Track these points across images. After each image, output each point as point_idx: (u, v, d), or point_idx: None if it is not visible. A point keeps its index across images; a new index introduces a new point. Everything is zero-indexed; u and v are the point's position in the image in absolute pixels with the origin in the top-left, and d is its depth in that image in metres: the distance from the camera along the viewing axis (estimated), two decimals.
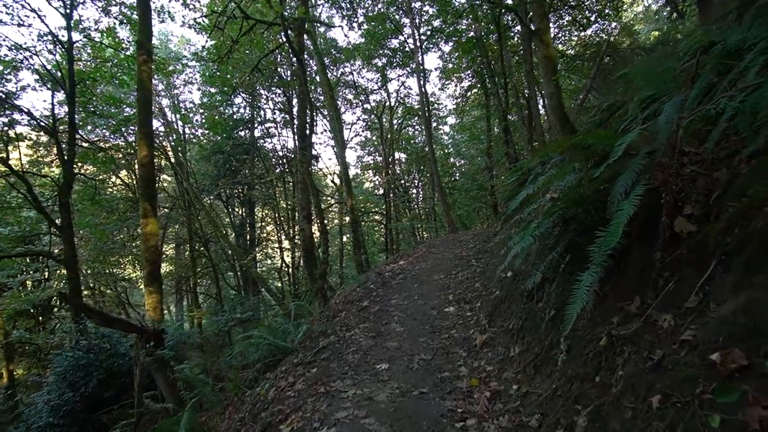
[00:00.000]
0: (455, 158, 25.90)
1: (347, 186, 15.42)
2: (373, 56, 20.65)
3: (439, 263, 8.39)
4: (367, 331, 5.67)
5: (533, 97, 16.39)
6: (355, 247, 15.27)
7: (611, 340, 2.63)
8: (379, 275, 8.28)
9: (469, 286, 6.61)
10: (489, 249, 8.10)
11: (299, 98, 13.82)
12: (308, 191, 13.20)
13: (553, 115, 6.97)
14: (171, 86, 20.79)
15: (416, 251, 10.20)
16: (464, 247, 9.36)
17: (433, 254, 9.38)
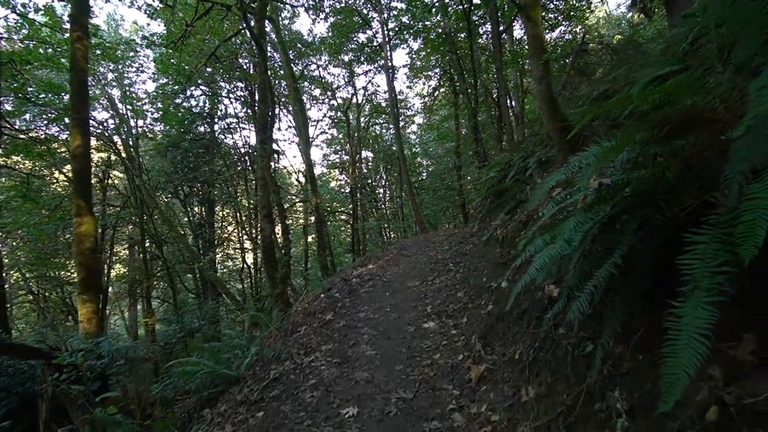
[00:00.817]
0: (422, 158, 24.99)
1: (312, 184, 14.17)
2: (340, 50, 19.41)
3: (412, 267, 7.30)
4: (330, 355, 4.50)
5: (503, 95, 15.64)
6: (319, 248, 14.04)
7: (723, 408, 1.59)
8: (345, 282, 7.11)
9: (449, 295, 5.54)
10: (468, 252, 7.07)
11: (259, 88, 12.45)
12: (268, 188, 11.87)
13: (541, 101, 6.02)
14: (123, 76, 18.87)
15: (386, 253, 9.09)
16: (438, 249, 8.31)
17: (406, 257, 8.29)
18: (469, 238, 7.91)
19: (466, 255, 6.95)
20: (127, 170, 19.13)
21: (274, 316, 8.57)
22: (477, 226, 8.18)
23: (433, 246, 8.88)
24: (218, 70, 18.39)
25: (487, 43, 18.66)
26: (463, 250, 7.29)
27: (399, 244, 10.05)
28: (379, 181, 25.10)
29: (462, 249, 7.41)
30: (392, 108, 16.97)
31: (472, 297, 4.99)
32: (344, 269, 9.67)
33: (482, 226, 7.95)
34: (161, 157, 20.51)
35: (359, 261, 9.65)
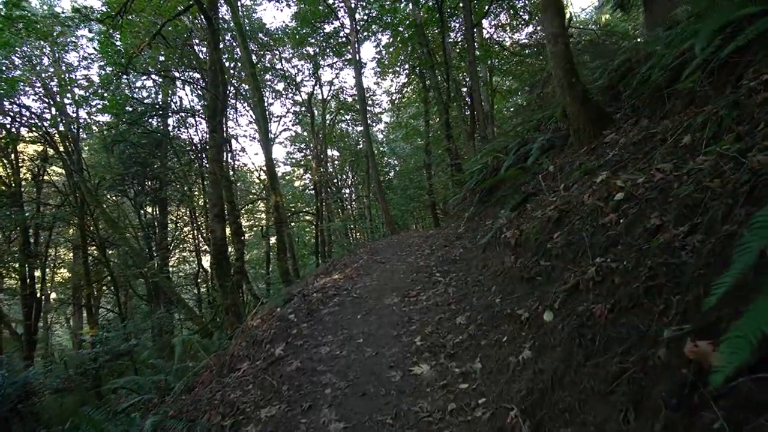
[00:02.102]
0: (390, 157, 23.36)
1: (272, 180, 12.22)
2: (304, 41, 17.48)
3: (389, 278, 5.58)
4: (271, 425, 2.73)
5: (476, 90, 14.19)
6: (279, 251, 12.10)
7: None
8: (304, 298, 5.30)
9: (444, 319, 3.87)
10: (458, 258, 5.43)
11: (210, 70, 10.42)
12: (219, 184, 9.88)
13: (557, 66, 4.48)
14: (60, 60, 16.21)
15: (355, 258, 7.31)
16: (418, 254, 6.63)
17: (379, 263, 6.56)
18: (455, 241, 6.28)
19: (457, 262, 5.30)
20: (66, 166, 16.51)
21: (215, 338, 6.64)
22: (463, 226, 6.57)
23: (410, 250, 7.20)
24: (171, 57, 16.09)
25: (456, 39, 17.29)
26: (451, 255, 5.64)
27: (369, 248, 8.30)
28: (345, 180, 23.27)
29: (449, 254, 5.76)
30: (360, 102, 15.21)
31: (481, 326, 3.33)
32: (305, 278, 7.84)
33: (471, 226, 6.34)
34: (107, 152, 17.98)
35: (323, 268, 7.84)
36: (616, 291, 2.11)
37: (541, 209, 3.75)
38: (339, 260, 7.61)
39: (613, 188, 2.77)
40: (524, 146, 5.86)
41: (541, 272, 3.06)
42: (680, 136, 2.76)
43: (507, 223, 4.41)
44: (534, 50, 15.93)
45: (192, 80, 18.93)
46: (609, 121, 4.48)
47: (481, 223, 5.94)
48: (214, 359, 5.24)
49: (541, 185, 4.51)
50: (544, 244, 3.24)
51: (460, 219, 7.41)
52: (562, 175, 4.35)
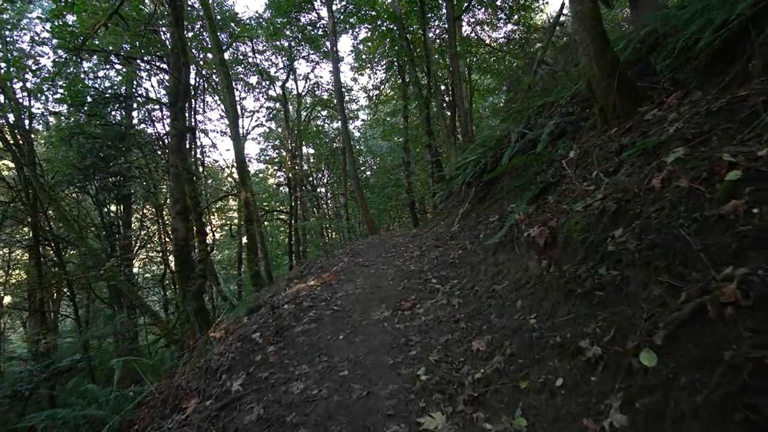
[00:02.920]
0: (366, 156, 22.31)
1: (242, 175, 11.01)
2: (278, 32, 16.22)
3: (375, 284, 4.56)
4: None
5: (458, 84, 13.36)
6: (249, 251, 10.90)
7: None
8: (273, 311, 4.21)
9: (454, 342, 2.89)
10: (457, 261, 4.46)
11: (172, 51, 9.14)
12: (181, 178, 8.63)
13: (583, 30, 3.59)
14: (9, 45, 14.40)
15: (334, 261, 6.23)
16: (406, 256, 5.64)
17: (362, 266, 5.52)
18: (450, 241, 5.31)
19: (457, 266, 4.33)
20: (15, 159, 14.71)
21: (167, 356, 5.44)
22: (458, 224, 5.62)
23: (396, 251, 6.20)
24: (134, 44, 14.58)
25: (436, 36, 16.41)
26: (448, 258, 4.67)
27: (349, 249, 7.24)
28: (321, 179, 22.07)
29: (445, 256, 4.79)
30: (338, 96, 14.10)
31: (514, 358, 2.37)
32: (276, 283, 6.74)
33: (467, 223, 5.40)
34: (66, 145, 16.26)
35: (296, 271, 6.74)
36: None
37: (580, 201, 2.82)
38: (315, 263, 6.53)
39: (720, 165, 1.85)
40: (529, 132, 4.96)
41: (603, 285, 2.11)
42: None
43: (525, 219, 3.47)
44: (516, 45, 15.22)
45: (158, 69, 17.42)
46: (644, 97, 3.62)
47: (480, 220, 5.00)
48: (160, 387, 4.10)
49: (565, 172, 3.60)
50: (600, 245, 2.30)
51: (451, 216, 6.47)
52: (592, 159, 3.44)
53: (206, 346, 5.80)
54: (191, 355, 5.33)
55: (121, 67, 16.27)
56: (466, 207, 5.68)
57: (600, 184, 2.91)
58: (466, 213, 5.63)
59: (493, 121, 20.40)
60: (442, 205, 8.79)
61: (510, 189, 4.49)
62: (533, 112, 5.76)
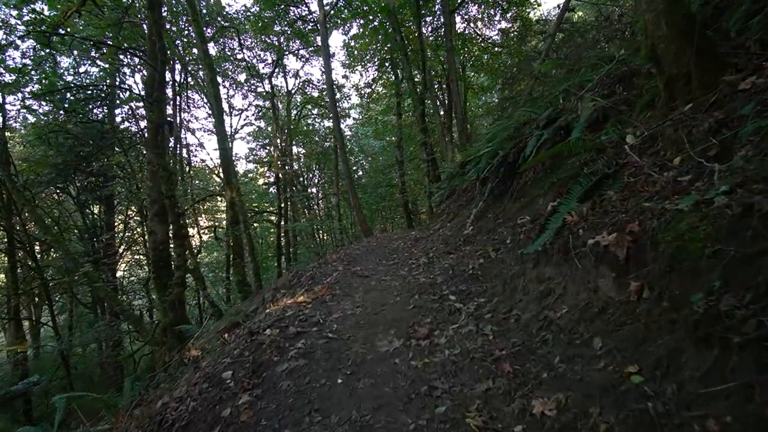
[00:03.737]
0: (358, 156, 21.33)
1: (226, 173, 9.98)
2: (268, 27, 15.18)
3: (378, 301, 3.61)
4: None
5: (454, 79, 12.50)
6: (235, 255, 9.87)
7: None
8: (251, 337, 3.24)
9: (499, 394, 2.00)
10: (479, 272, 3.54)
11: (149, 39, 8.09)
12: (157, 176, 7.61)
13: (657, 16, 2.70)
14: None
15: (327, 270, 5.24)
16: (412, 264, 4.70)
17: (360, 277, 4.57)
18: (464, 246, 4.40)
19: (480, 279, 3.41)
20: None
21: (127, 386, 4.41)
22: (471, 226, 4.71)
23: (398, 258, 5.27)
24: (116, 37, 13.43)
25: (429, 33, 15.50)
26: (466, 268, 3.74)
27: (344, 254, 6.27)
28: (312, 179, 21.05)
29: (461, 266, 3.86)
30: (329, 91, 13.11)
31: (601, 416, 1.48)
32: (262, 293, 5.76)
33: (484, 225, 4.49)
34: (45, 144, 15.09)
35: (285, 280, 5.75)
36: None
37: (686, 197, 1.92)
38: (305, 271, 5.56)
39: None
40: (560, 118, 4.08)
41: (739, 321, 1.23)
42: None
43: (579, 221, 2.57)
44: (512, 41, 14.41)
45: (141, 64, 16.27)
46: (725, 65, 2.75)
47: (501, 222, 4.10)
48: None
49: (624, 161, 2.72)
50: (753, 262, 1.41)
51: (459, 217, 5.57)
52: (665, 143, 2.57)
53: (178, 370, 4.83)
54: (155, 384, 4.34)
55: (103, 63, 15.12)
56: (481, 206, 4.77)
57: (701, 173, 2.03)
58: (481, 213, 4.72)
59: (486, 120, 19.62)
60: (443, 205, 7.89)
61: (542, 183, 3.59)
62: (555, 97, 4.89)
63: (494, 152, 4.84)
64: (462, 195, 6.66)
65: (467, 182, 5.15)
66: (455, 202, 6.79)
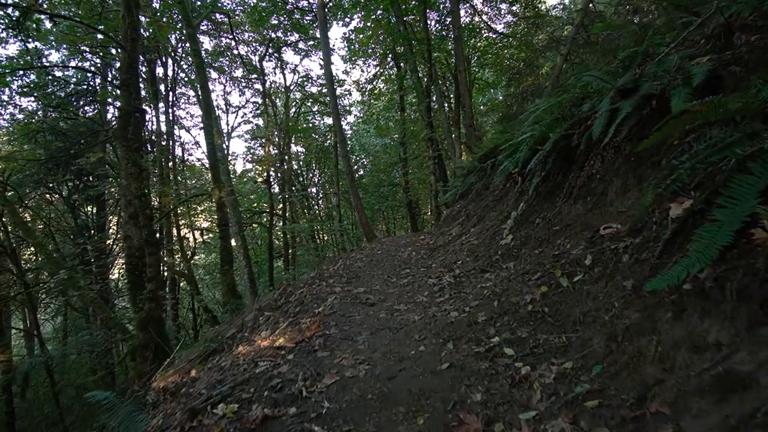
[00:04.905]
0: (359, 155, 20.00)
1: (214, 170, 8.70)
2: (264, 20, 13.86)
3: (394, 352, 2.32)
4: None
5: (462, 70, 11.20)
6: (223, 261, 8.58)
7: None
8: (191, 420, 1.98)
9: None
10: (547, 308, 2.26)
11: (123, 20, 6.78)
12: (132, 173, 6.31)
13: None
14: None
15: (321, 292, 3.87)
16: (431, 283, 3.40)
17: (364, 304, 3.25)
18: (503, 263, 3.11)
19: (549, 321, 2.12)
20: None
21: None
22: (511, 234, 3.42)
23: (411, 273, 3.97)
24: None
25: (436, 24, 14.18)
26: (520, 298, 2.44)
27: (343, 266, 4.95)
28: (312, 178, 19.73)
29: (509, 294, 2.57)
30: (328, 84, 11.80)
31: None
32: (245, 312, 4.46)
33: (530, 234, 3.19)
34: (31, 141, 13.92)
35: (269, 299, 4.44)
36: None
37: None
38: (296, 288, 4.26)
39: None
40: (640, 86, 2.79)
41: None
42: None
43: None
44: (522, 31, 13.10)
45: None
46: None
47: (558, 231, 2.82)
48: None
49: None
50: None
51: (484, 221, 4.27)
52: None
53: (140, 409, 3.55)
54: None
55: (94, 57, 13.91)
56: (522, 208, 3.48)
57: None
58: (523, 217, 3.43)
59: (491, 117, 18.28)
60: (458, 206, 6.59)
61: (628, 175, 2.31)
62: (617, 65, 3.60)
63: (538, 138, 3.55)
64: (483, 194, 5.38)
65: (500, 176, 3.85)
66: (475, 202, 5.49)
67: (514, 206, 3.69)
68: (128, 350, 6.15)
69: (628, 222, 2.22)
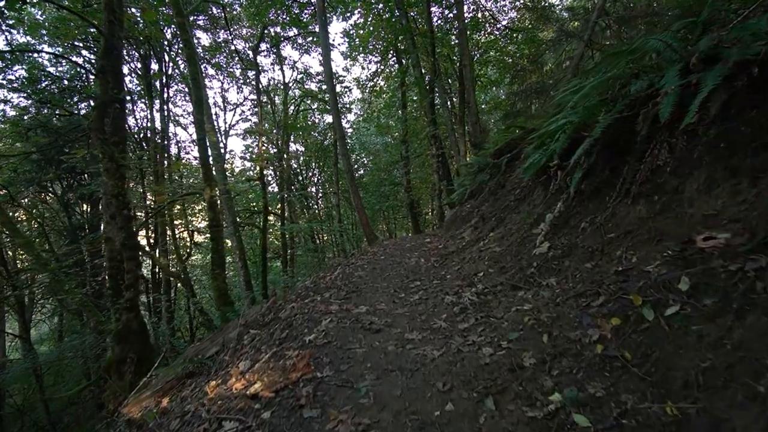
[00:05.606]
0: (359, 154, 19.26)
1: (205, 168, 8.00)
2: (261, 12, 13.14)
3: (414, 420, 1.66)
4: None
5: (467, 65, 10.48)
6: (214, 265, 7.86)
7: None
8: None
9: None
10: (621, 344, 1.58)
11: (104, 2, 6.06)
12: (109, 170, 5.61)
13: None
14: None
15: (316, 308, 3.21)
16: (448, 303, 2.71)
17: (369, 332, 2.55)
18: (539, 277, 2.43)
19: (633, 373, 1.46)
20: None
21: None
22: (547, 242, 2.73)
23: (423, 286, 3.27)
24: None
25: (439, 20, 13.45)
26: (580, 334, 1.77)
27: (344, 275, 4.23)
28: (312, 177, 19.00)
29: (561, 324, 1.89)
30: (327, 80, 11.09)
31: None
32: (225, 330, 3.77)
33: (573, 242, 2.49)
34: (23, 139, 13.23)
35: (256, 313, 3.73)
36: None
37: None
38: (283, 303, 3.55)
39: None
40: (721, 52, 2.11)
41: None
42: None
43: None
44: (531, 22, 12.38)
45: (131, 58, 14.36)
46: None
47: (615, 239, 2.12)
48: None
49: None
50: None
51: (504, 225, 3.57)
52: None
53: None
54: None
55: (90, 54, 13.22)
56: (560, 209, 2.79)
57: None
58: (561, 221, 2.74)
59: (495, 115, 17.53)
60: (467, 206, 5.89)
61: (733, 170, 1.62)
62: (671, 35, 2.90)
63: (578, 124, 2.85)
64: (498, 193, 4.68)
65: (529, 172, 3.16)
66: (490, 202, 4.80)
67: (546, 207, 3.00)
68: (103, 366, 5.46)
69: (744, 231, 1.53)
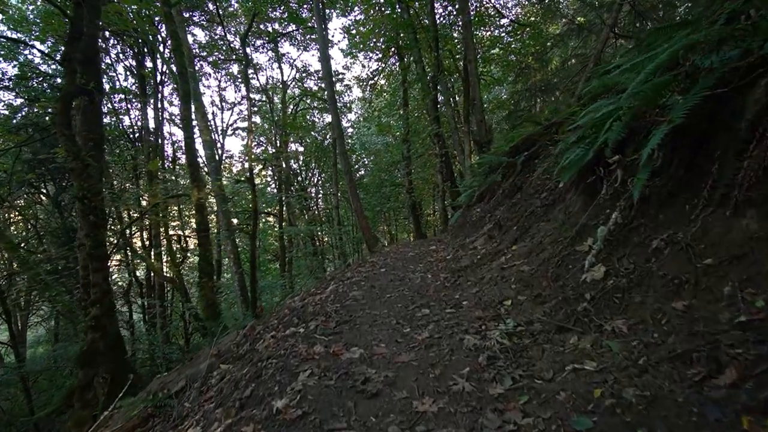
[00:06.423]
0: (360, 154, 18.51)
1: (192, 168, 7.28)
2: (260, 10, 12.43)
3: None
4: None
5: (472, 60, 9.73)
6: (201, 272, 7.13)
7: None
8: None
9: None
10: None
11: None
12: (74, 169, 4.89)
13: None
14: None
15: (297, 351, 2.43)
16: (475, 350, 2.01)
17: (359, 395, 1.82)
18: (595, 315, 1.72)
19: None
20: None
21: None
22: (599, 263, 2.01)
23: (435, 317, 2.54)
24: None
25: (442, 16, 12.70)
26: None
27: (334, 296, 3.48)
28: (312, 179, 18.28)
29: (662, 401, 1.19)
30: (326, 76, 10.35)
31: None
32: (197, 359, 3.03)
33: (642, 264, 1.77)
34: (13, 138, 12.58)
35: (230, 342, 3.01)
36: None
37: None
38: (262, 331, 2.82)
39: None
40: None
41: None
42: None
43: None
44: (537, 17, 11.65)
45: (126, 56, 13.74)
46: None
47: (717, 266, 1.40)
48: None
49: None
50: None
51: (529, 234, 2.84)
52: None
53: None
54: None
55: None
56: (616, 220, 2.06)
57: None
58: (620, 236, 2.01)
59: (498, 115, 16.79)
60: (477, 209, 5.16)
61: None
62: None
63: (638, 110, 2.12)
64: (514, 195, 3.95)
65: (569, 171, 2.42)
66: (505, 206, 4.07)
67: (591, 216, 2.27)
68: (65, 393, 4.75)
69: None
